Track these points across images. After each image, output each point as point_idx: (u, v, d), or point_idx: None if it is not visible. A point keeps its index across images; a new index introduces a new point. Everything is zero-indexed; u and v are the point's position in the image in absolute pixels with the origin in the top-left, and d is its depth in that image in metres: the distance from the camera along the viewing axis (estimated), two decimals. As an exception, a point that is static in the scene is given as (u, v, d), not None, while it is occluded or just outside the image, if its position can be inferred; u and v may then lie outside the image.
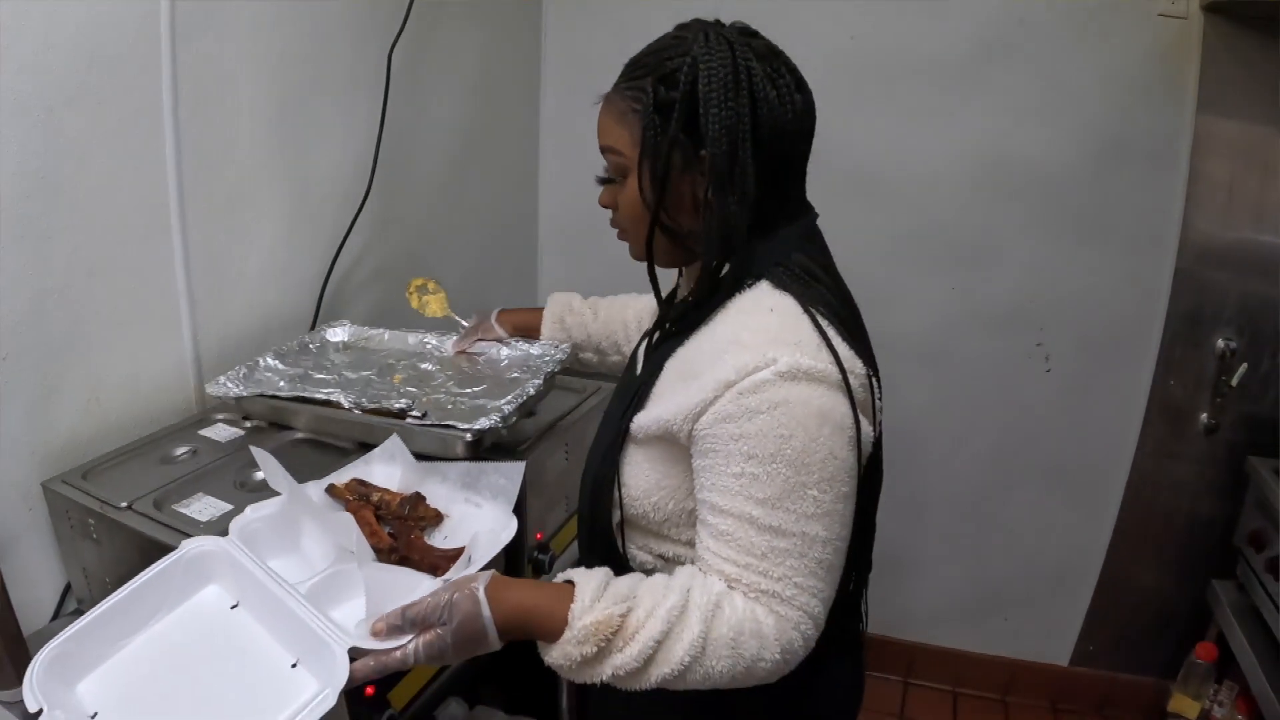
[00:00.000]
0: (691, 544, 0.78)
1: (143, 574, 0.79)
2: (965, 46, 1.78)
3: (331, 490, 0.94)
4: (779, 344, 0.71)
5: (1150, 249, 1.80)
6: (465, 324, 1.36)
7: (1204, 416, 1.86)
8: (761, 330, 0.73)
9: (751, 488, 0.70)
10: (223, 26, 1.27)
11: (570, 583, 0.74)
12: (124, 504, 1.02)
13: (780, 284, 0.77)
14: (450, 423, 1.04)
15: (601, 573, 0.75)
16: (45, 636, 1.01)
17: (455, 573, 0.81)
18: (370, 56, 1.54)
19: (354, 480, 0.96)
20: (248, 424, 1.23)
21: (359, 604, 0.78)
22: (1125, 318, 1.85)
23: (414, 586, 0.78)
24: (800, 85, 0.79)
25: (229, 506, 1.00)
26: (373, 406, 1.09)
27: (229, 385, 1.21)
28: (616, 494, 0.83)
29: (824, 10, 1.82)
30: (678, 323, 0.83)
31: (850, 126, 1.85)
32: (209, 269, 1.32)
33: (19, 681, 0.99)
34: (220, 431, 1.22)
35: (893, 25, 1.80)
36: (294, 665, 0.74)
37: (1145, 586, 2.00)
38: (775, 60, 0.77)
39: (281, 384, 1.23)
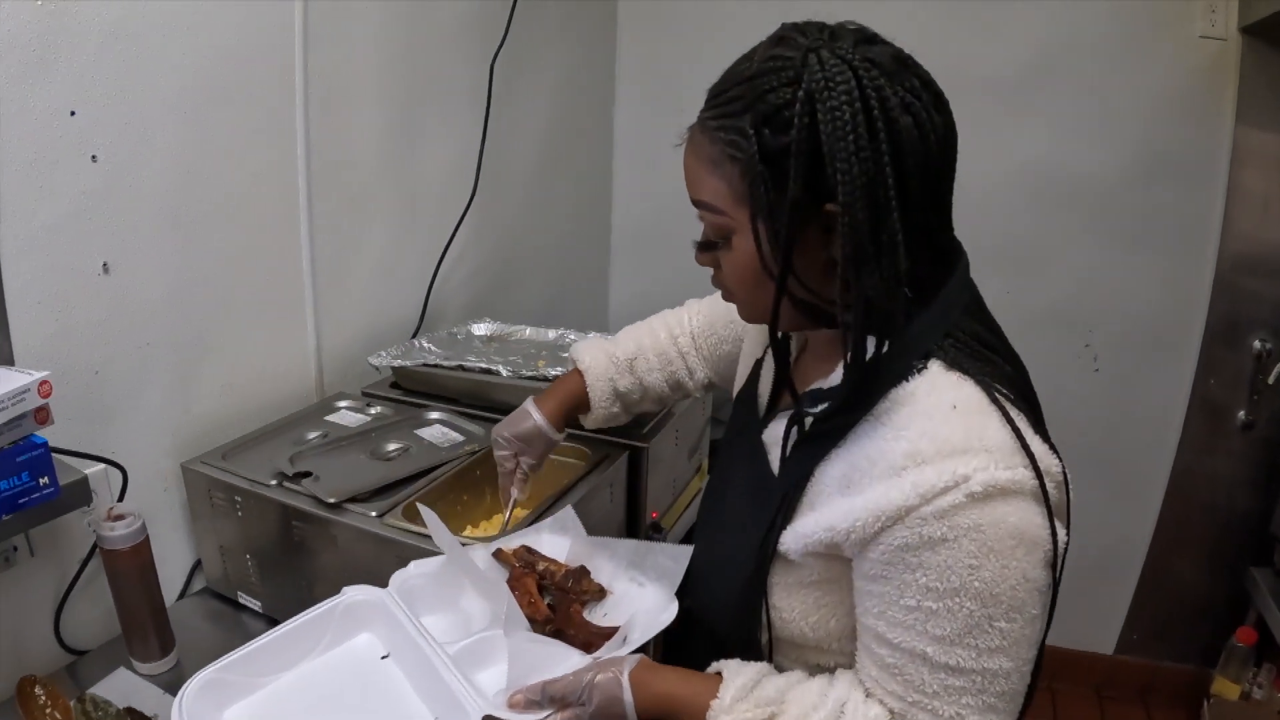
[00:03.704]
0: (854, 656, 0.65)
1: (300, 615, 0.78)
2: (1019, 67, 1.78)
3: (499, 555, 0.90)
4: (968, 455, 0.55)
5: (1191, 256, 1.79)
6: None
7: (1241, 413, 1.84)
8: (945, 438, 0.56)
9: (928, 623, 0.57)
10: (347, 36, 1.27)
11: (720, 675, 0.66)
12: (273, 481, 1.01)
13: (953, 363, 0.60)
14: None
15: (754, 669, 0.65)
16: (174, 614, 1.00)
17: (607, 652, 0.76)
18: (472, 68, 1.54)
19: (522, 547, 0.91)
20: (373, 410, 1.22)
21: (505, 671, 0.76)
22: (1168, 320, 1.84)
23: (561, 661, 0.73)
24: (939, 102, 0.58)
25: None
26: (530, 374, 1.09)
27: (389, 357, 1.22)
28: (765, 617, 0.69)
29: (885, 31, 1.83)
30: (824, 422, 0.64)
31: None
32: (331, 265, 1.30)
33: (163, 654, 0.99)
34: (346, 417, 1.20)
35: (952, 47, 1.79)
36: None
37: (1186, 577, 1.98)
38: (905, 74, 0.57)
39: (437, 360, 1.25)
